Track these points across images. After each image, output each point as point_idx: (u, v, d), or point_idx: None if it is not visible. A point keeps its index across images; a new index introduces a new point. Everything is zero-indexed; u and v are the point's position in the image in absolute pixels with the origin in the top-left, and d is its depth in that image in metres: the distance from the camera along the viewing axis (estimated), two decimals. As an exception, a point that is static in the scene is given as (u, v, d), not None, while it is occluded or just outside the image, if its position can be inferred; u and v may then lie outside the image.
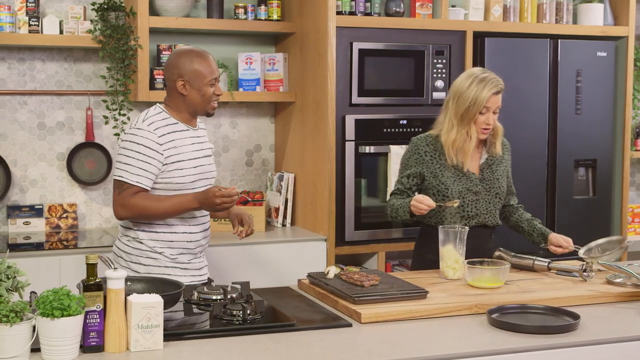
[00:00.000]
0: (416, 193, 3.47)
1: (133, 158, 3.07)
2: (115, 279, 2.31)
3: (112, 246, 4.10)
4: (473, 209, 3.43)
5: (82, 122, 4.58)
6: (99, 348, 2.30)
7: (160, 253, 3.16)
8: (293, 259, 4.32)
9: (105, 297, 2.31)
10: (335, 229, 4.41)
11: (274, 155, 4.99)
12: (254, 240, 4.31)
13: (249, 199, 3.34)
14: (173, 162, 3.11)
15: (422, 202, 3.26)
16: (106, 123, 4.51)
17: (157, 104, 3.24)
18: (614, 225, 5.07)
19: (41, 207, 4.51)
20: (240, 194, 3.23)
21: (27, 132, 4.51)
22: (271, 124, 4.98)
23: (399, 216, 3.41)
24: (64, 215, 4.55)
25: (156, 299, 2.34)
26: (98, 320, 2.29)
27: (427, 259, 3.42)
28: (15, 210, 4.46)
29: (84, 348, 2.29)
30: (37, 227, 4.49)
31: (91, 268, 2.30)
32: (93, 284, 2.29)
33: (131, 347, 2.31)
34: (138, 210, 3.08)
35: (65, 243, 4.28)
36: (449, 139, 3.41)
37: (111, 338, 2.30)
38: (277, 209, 4.70)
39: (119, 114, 4.44)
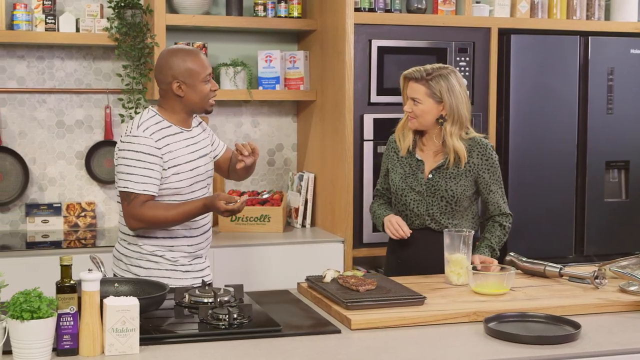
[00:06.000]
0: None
1: (135, 167, 2.97)
2: (89, 281, 2.26)
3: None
4: (415, 208, 3.35)
5: (101, 120, 4.57)
6: (73, 351, 2.25)
7: (160, 256, 3.08)
8: (310, 260, 4.24)
9: (79, 299, 2.26)
10: (353, 230, 4.32)
11: (296, 155, 4.92)
12: (271, 241, 4.26)
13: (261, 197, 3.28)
14: (170, 167, 3.01)
15: (401, 227, 3.28)
16: (122, 122, 4.49)
17: (150, 107, 3.15)
18: (648, 230, 4.88)
19: (59, 205, 4.50)
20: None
21: (46, 131, 4.51)
22: (293, 123, 4.91)
23: (378, 225, 3.44)
24: (82, 213, 4.54)
25: (131, 302, 2.28)
26: (72, 323, 2.24)
27: (395, 262, 3.46)
28: (33, 209, 4.46)
29: (58, 351, 2.24)
30: (56, 226, 4.48)
31: (65, 269, 2.26)
32: (67, 286, 2.25)
33: (106, 350, 2.26)
34: (149, 221, 2.98)
35: (83, 242, 4.26)
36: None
37: (85, 341, 2.25)
38: (297, 210, 4.63)
39: (135, 112, 4.41)
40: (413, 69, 3.32)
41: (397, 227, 3.30)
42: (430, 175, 3.32)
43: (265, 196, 3.94)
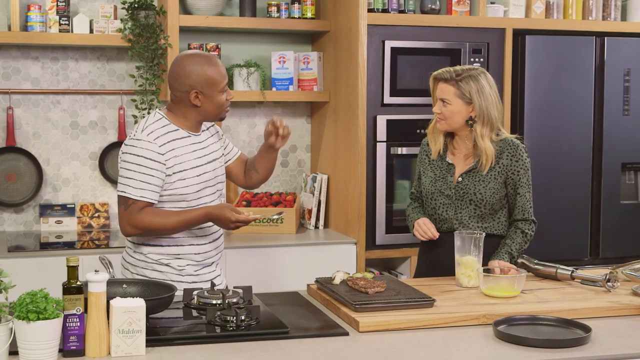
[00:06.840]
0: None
1: (135, 171, 2.90)
2: (96, 282, 2.26)
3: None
4: (443, 212, 3.30)
5: (114, 121, 4.58)
6: (79, 352, 2.24)
7: (166, 264, 3.04)
8: (322, 262, 4.23)
9: (86, 300, 2.26)
10: (366, 232, 4.31)
11: (309, 156, 4.91)
12: (284, 243, 4.25)
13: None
14: (175, 173, 2.94)
15: (429, 230, 3.25)
16: (135, 123, 4.49)
17: (158, 109, 3.07)
18: (664, 232, 4.84)
19: (73, 206, 4.52)
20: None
21: (60, 131, 4.53)
22: (307, 124, 4.90)
23: (410, 228, 3.40)
24: (96, 214, 4.55)
25: (138, 304, 2.27)
26: (78, 324, 2.24)
27: (425, 264, 3.41)
28: (47, 209, 4.48)
29: (64, 352, 2.24)
30: (69, 227, 4.50)
31: (72, 270, 2.25)
32: (73, 287, 2.24)
33: (112, 352, 2.25)
34: (145, 228, 2.92)
35: (96, 243, 4.28)
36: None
37: (91, 342, 2.25)
38: (310, 211, 4.61)
39: (148, 113, 4.41)
40: (443, 70, 3.27)
41: (425, 229, 3.26)
42: (460, 179, 3.27)
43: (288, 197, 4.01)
